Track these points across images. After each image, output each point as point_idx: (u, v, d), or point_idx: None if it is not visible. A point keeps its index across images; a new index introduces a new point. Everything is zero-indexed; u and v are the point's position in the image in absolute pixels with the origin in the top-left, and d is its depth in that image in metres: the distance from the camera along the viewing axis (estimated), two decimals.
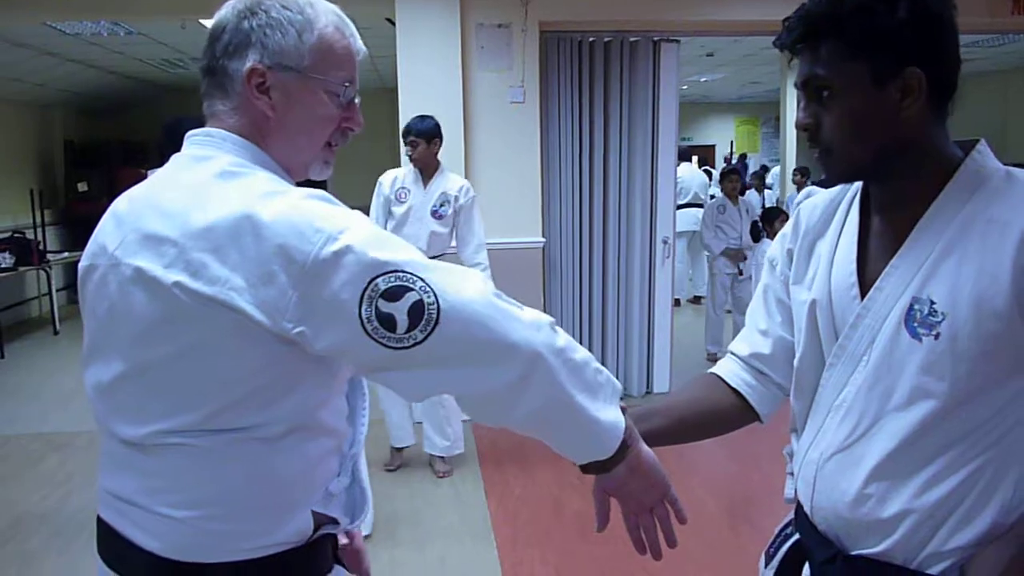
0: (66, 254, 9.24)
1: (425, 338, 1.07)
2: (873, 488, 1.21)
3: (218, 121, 1.24)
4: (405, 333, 1.06)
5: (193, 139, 1.25)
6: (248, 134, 1.23)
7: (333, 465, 1.28)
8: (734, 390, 1.49)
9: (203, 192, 1.13)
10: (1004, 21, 5.75)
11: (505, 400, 1.13)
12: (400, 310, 1.06)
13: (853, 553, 1.25)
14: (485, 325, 1.09)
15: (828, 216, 1.37)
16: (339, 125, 1.29)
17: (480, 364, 1.11)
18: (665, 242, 5.84)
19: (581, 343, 5.02)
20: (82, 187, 9.98)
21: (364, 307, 1.06)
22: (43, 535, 3.90)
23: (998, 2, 5.55)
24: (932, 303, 1.15)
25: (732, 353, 1.54)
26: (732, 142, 17.61)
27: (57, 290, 8.92)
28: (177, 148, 1.28)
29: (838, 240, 1.32)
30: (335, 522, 1.28)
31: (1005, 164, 1.23)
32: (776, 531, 1.48)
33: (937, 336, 1.15)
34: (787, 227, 1.46)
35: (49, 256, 8.94)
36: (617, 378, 5.40)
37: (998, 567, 1.12)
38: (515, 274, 5.49)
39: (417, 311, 1.06)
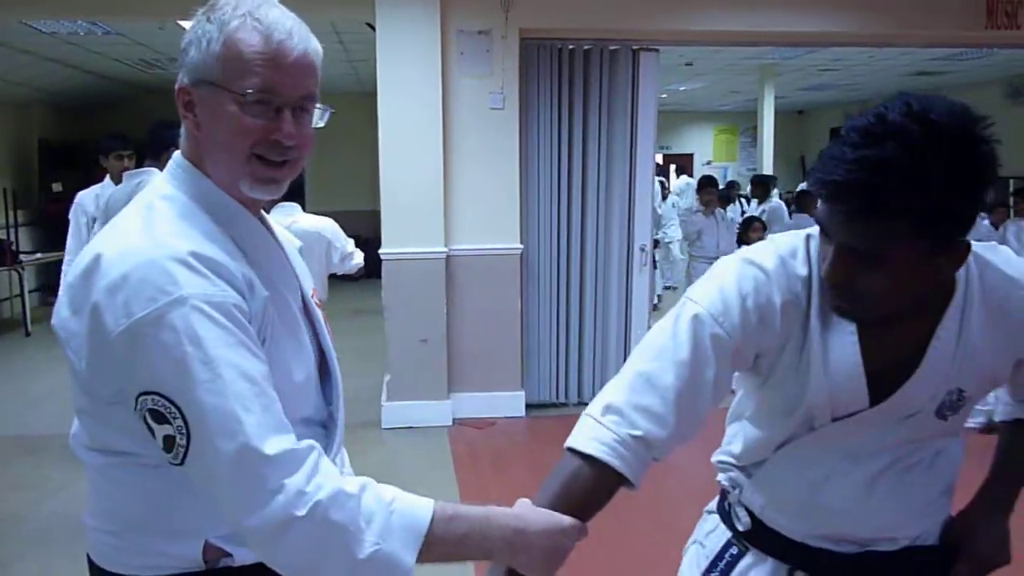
0: (39, 255, 9.14)
1: (177, 464, 1.09)
2: (880, 511, 1.36)
3: (182, 144, 1.26)
4: (161, 449, 1.09)
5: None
6: (191, 156, 1.23)
7: None
8: (613, 470, 1.26)
9: (110, 228, 1.19)
10: (979, 35, 5.84)
11: None
12: (158, 433, 1.08)
13: (863, 551, 1.39)
14: (217, 495, 1.08)
15: (807, 312, 1.28)
16: (264, 137, 1.18)
17: (223, 510, 1.10)
18: (642, 249, 5.87)
19: (558, 350, 5.04)
20: (57, 187, 9.87)
21: (138, 407, 1.08)
22: (17, 538, 3.86)
23: (973, 17, 5.64)
24: (961, 391, 1.31)
25: (632, 432, 1.27)
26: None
27: (30, 291, 8.82)
28: (154, 148, 1.29)
29: (825, 341, 1.27)
30: (229, 556, 1.22)
31: None
32: (716, 552, 1.50)
33: (959, 413, 1.34)
34: (762, 310, 1.27)
35: (22, 257, 8.84)
36: (594, 384, 5.39)
37: (986, 530, 1.43)
38: (493, 280, 5.51)
39: (169, 442, 1.08)
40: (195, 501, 1.17)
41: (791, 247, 1.30)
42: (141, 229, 1.14)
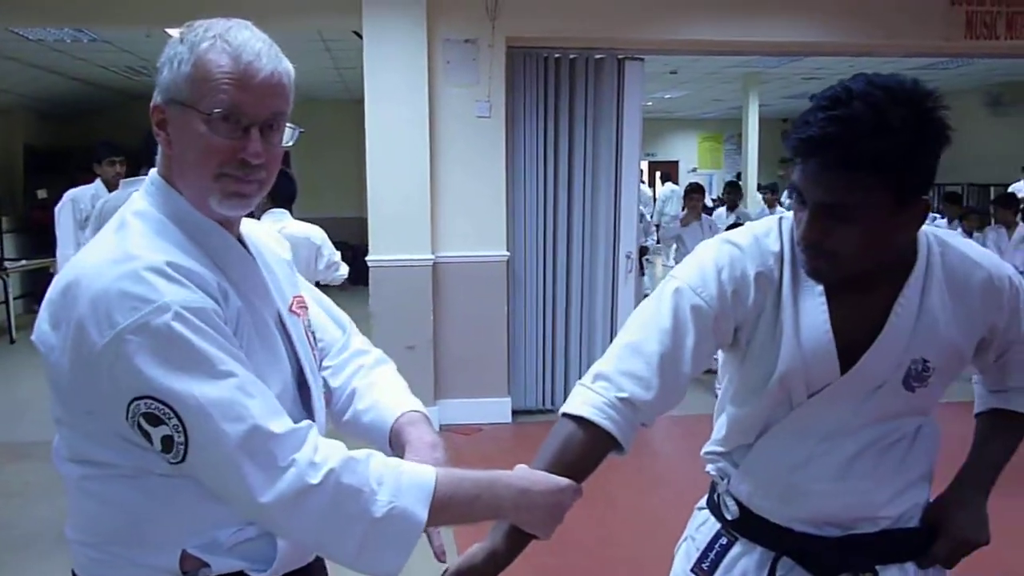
0: (24, 262, 9.10)
1: (176, 464, 1.12)
2: (861, 491, 1.42)
3: (157, 161, 1.28)
4: (160, 452, 1.12)
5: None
6: (165, 173, 1.25)
7: (220, 514, 1.21)
8: (608, 435, 1.35)
9: (91, 244, 1.21)
10: (958, 45, 5.93)
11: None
12: (155, 435, 1.10)
13: (846, 535, 1.44)
14: (224, 486, 1.13)
15: (779, 283, 1.38)
16: (232, 155, 1.19)
17: (229, 503, 1.16)
18: (628, 256, 5.91)
19: (545, 357, 5.07)
20: (41, 194, 9.84)
21: (130, 416, 1.10)
22: (2, 546, 3.84)
23: (953, 27, 5.72)
24: (926, 361, 1.38)
25: (625, 395, 1.36)
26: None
27: (14, 298, 8.78)
28: (153, 155, 1.30)
29: (796, 309, 1.37)
30: (206, 566, 1.22)
31: (962, 183, 1.36)
32: (706, 543, 1.55)
33: (926, 384, 1.39)
34: (736, 282, 1.37)
35: (6, 264, 8.80)
36: None
37: (966, 511, 1.47)
38: (479, 287, 5.53)
39: (167, 442, 1.10)
40: (172, 511, 1.19)
41: (766, 228, 1.42)
42: (116, 244, 1.16)
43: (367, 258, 5.37)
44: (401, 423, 1.44)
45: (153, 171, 1.27)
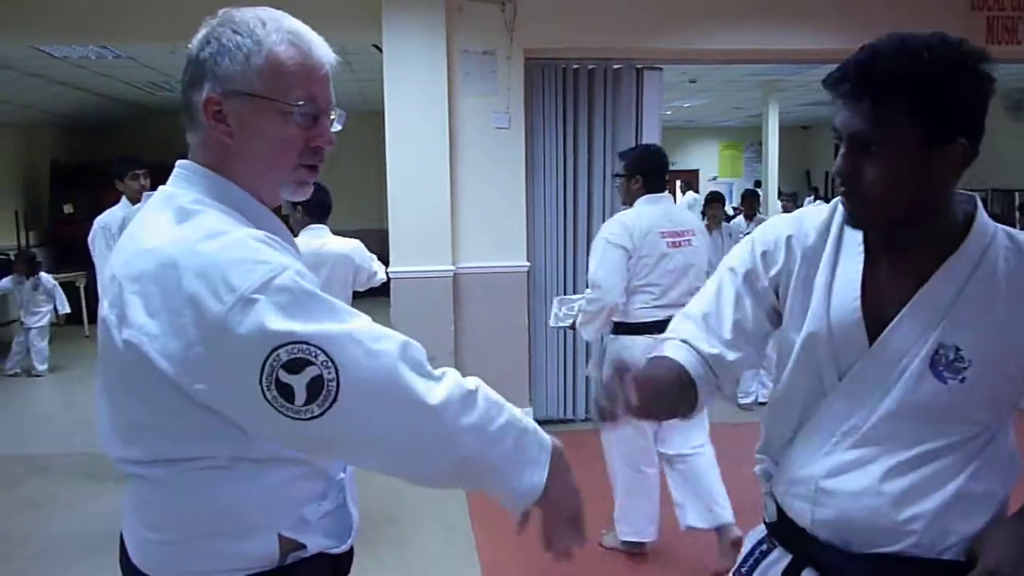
0: (51, 275, 9.20)
1: (322, 413, 1.08)
2: (888, 499, 1.32)
3: (192, 154, 1.27)
4: (303, 406, 1.07)
5: (173, 173, 1.27)
6: (215, 165, 1.24)
7: (306, 491, 1.26)
8: (691, 383, 1.46)
9: (153, 234, 1.17)
10: None
11: (412, 474, 1.20)
12: (299, 383, 1.07)
13: (869, 552, 1.35)
14: (387, 407, 1.11)
15: (820, 244, 1.41)
16: (306, 144, 1.24)
17: (382, 445, 1.14)
18: None
19: (566, 367, 5.04)
20: (67, 208, 9.97)
21: (265, 376, 1.06)
22: (23, 558, 3.87)
23: (973, 32, 5.67)
24: (958, 349, 1.28)
25: (691, 346, 1.48)
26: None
27: None
28: None
29: (833, 274, 1.37)
30: (303, 547, 1.25)
31: (986, 189, 1.33)
32: (748, 548, 1.54)
33: (963, 380, 1.28)
34: (771, 243, 1.46)
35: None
36: None
37: (1006, 542, 1.27)
38: (500, 298, 5.54)
39: (316, 386, 1.07)
40: (265, 495, 1.20)
41: (821, 207, 1.46)
42: (195, 226, 1.15)
43: (387, 269, 5.38)
44: None
45: (188, 162, 1.26)
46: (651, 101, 5.77)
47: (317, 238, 3.79)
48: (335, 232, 4.29)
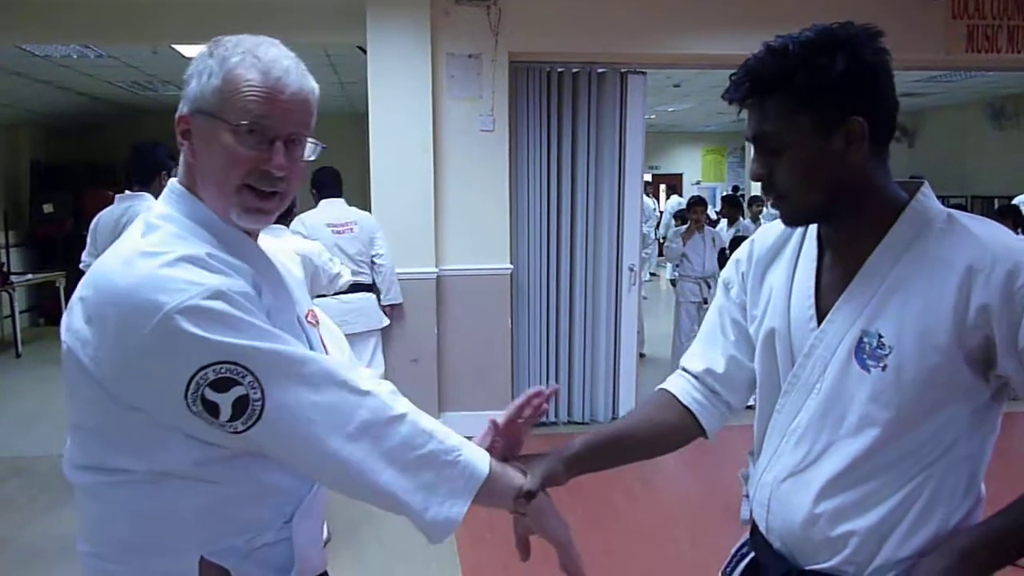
0: (30, 276, 9.14)
1: (246, 429, 1.11)
2: (823, 508, 1.30)
3: (179, 171, 1.30)
4: (228, 421, 1.11)
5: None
6: (187, 183, 1.27)
7: (238, 518, 1.23)
8: (685, 408, 1.52)
9: (120, 242, 1.22)
10: (959, 58, 5.94)
11: (335, 489, 1.22)
12: (225, 401, 1.10)
13: (807, 568, 1.32)
14: (308, 429, 1.13)
15: (780, 245, 1.45)
16: (254, 166, 1.22)
17: (303, 462, 1.18)
18: (631, 269, 5.92)
19: (548, 370, 5.07)
20: (48, 208, 9.89)
21: (190, 392, 1.09)
22: (4, 560, 3.85)
23: (953, 40, 5.74)
24: (880, 336, 1.24)
25: (684, 369, 1.57)
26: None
27: (20, 312, 8.80)
28: (142, 172, 1.32)
29: (794, 271, 1.39)
30: (226, 572, 1.22)
31: (966, 195, 1.32)
32: (732, 551, 1.55)
33: (884, 368, 1.24)
34: (741, 252, 1.53)
35: (12, 278, 8.82)
36: (584, 403, 5.47)
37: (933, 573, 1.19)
38: (483, 300, 5.55)
39: (242, 405, 1.10)
40: (188, 516, 1.19)
41: None
42: (148, 242, 1.18)
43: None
44: None
45: (173, 181, 1.29)
46: (635, 105, 5.79)
47: (276, 238, 3.82)
48: None
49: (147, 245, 1.16)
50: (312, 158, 1.31)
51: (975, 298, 1.18)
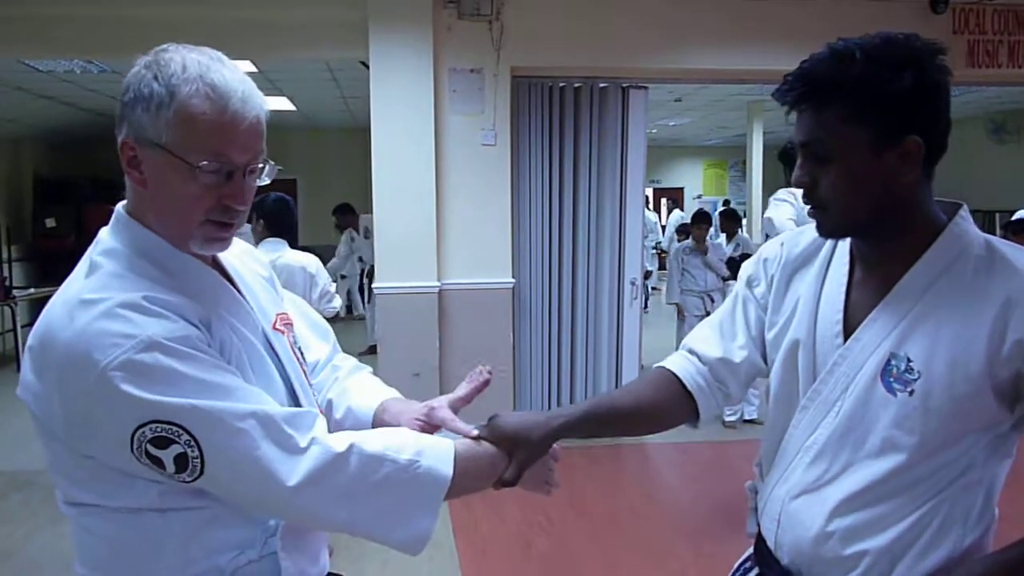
0: (32, 290, 9.13)
1: (193, 480, 1.12)
2: (836, 526, 1.28)
3: (125, 197, 1.26)
4: (174, 473, 1.11)
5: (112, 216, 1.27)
6: (134, 210, 1.23)
7: (219, 539, 1.22)
8: (687, 391, 1.49)
9: (66, 285, 1.20)
10: (960, 73, 5.93)
11: (297, 525, 1.25)
12: (167, 456, 1.10)
13: None
14: (249, 486, 1.14)
15: (810, 254, 1.41)
16: (217, 202, 1.18)
17: (258, 511, 1.21)
18: (633, 283, 5.92)
19: (550, 384, 5.05)
20: (50, 223, 9.91)
21: (135, 447, 1.09)
22: (4, 574, 3.84)
23: (954, 55, 5.75)
24: (909, 360, 1.22)
25: (693, 352, 1.53)
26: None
27: (22, 326, 8.79)
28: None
29: (823, 283, 1.36)
30: None
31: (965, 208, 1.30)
32: (735, 565, 1.54)
33: (911, 393, 1.21)
34: (769, 250, 1.49)
35: (15, 292, 8.83)
36: None
37: None
38: (485, 314, 5.54)
39: (182, 461, 1.10)
40: (169, 543, 1.19)
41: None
42: (89, 284, 1.15)
43: (373, 285, 5.38)
44: (379, 412, 1.49)
45: (119, 207, 1.25)
46: (636, 119, 5.81)
47: (272, 252, 3.84)
48: (321, 249, 4.29)
49: (87, 291, 1.13)
50: (267, 181, 1.27)
51: (1012, 332, 1.16)
